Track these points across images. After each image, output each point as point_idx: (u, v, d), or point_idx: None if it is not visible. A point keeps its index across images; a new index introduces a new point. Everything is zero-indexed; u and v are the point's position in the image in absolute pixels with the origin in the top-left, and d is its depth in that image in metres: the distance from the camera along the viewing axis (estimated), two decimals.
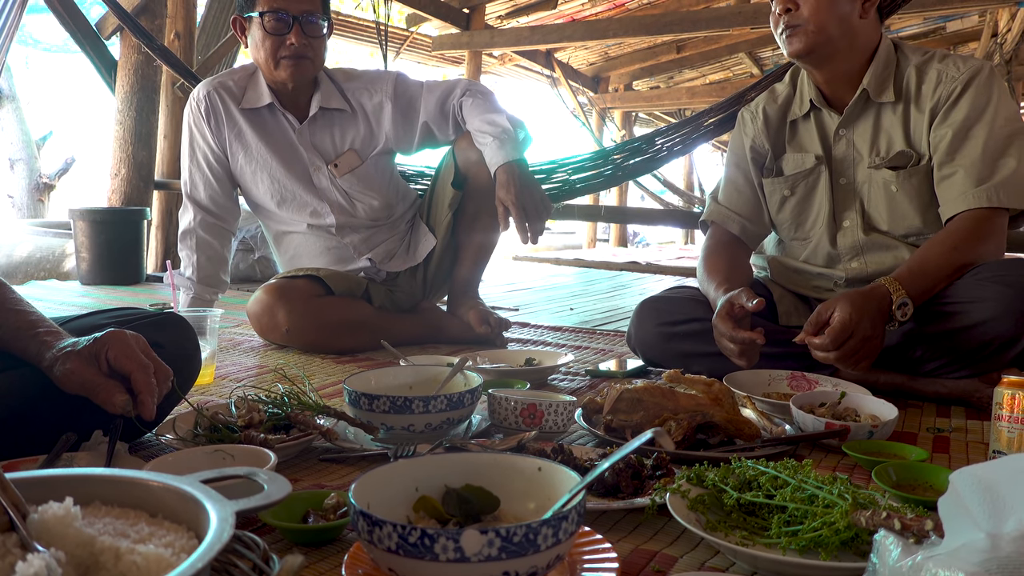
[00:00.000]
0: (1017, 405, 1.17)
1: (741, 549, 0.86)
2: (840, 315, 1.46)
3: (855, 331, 1.45)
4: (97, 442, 1.13)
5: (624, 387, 1.33)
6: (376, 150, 2.33)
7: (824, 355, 1.49)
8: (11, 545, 0.59)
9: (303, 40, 2.12)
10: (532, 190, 2.10)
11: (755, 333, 1.54)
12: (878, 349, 1.50)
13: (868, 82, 1.73)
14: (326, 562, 0.90)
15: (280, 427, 1.27)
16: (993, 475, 0.63)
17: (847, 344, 1.46)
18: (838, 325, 1.46)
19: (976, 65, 1.69)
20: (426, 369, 1.51)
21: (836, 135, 1.81)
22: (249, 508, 0.68)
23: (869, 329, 1.46)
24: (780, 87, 1.94)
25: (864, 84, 1.73)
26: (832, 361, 1.49)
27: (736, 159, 1.98)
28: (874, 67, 1.73)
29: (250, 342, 2.32)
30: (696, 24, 5.98)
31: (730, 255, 1.91)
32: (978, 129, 1.65)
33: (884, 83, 1.74)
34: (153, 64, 4.25)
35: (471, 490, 0.83)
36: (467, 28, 6.90)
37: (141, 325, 1.30)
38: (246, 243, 4.13)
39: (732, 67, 9.63)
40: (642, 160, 3.64)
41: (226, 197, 2.35)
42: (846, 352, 1.46)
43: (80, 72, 4.75)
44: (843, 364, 1.49)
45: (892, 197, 1.75)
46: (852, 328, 1.45)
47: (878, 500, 0.92)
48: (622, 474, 1.06)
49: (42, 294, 3.53)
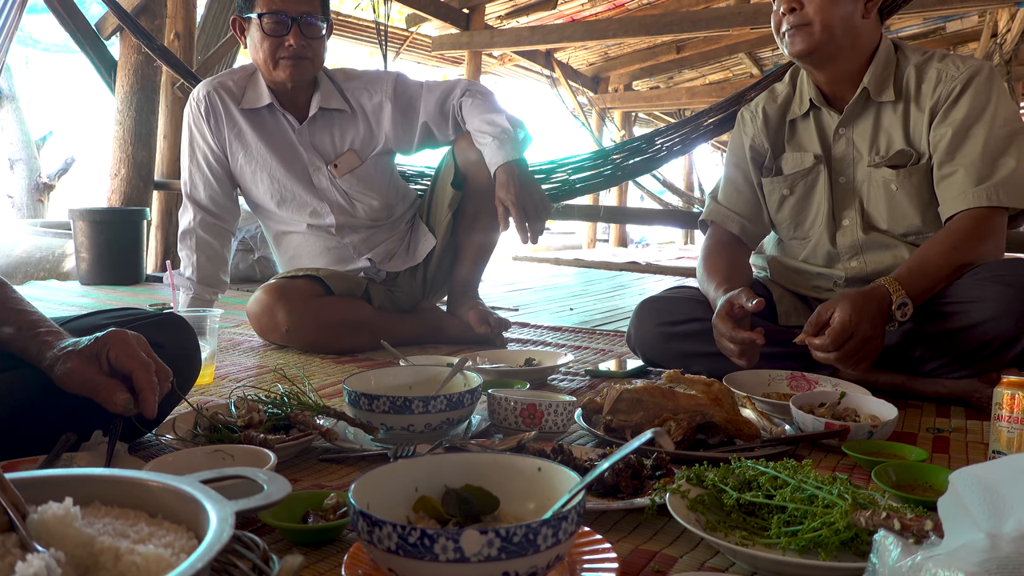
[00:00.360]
0: (1017, 405, 1.17)
1: (741, 549, 0.86)
2: (840, 316, 1.46)
3: (855, 332, 1.46)
4: (97, 442, 1.13)
5: (624, 387, 1.33)
6: (376, 150, 2.33)
7: (824, 356, 1.49)
8: (11, 545, 0.59)
9: (302, 41, 2.12)
10: (532, 190, 2.10)
11: (755, 333, 1.55)
12: (878, 349, 1.50)
13: (868, 81, 1.73)
14: (326, 562, 0.89)
15: (280, 427, 1.27)
16: (993, 475, 0.63)
17: (847, 345, 1.46)
18: (838, 326, 1.46)
19: (976, 65, 1.69)
20: (426, 369, 1.51)
21: (836, 134, 1.81)
22: (249, 508, 0.68)
23: (869, 330, 1.46)
24: (780, 87, 1.94)
25: (864, 83, 1.74)
26: (832, 362, 1.49)
27: (736, 159, 1.98)
28: (874, 66, 1.73)
29: (250, 342, 2.32)
30: (696, 24, 5.98)
31: (730, 255, 1.91)
32: (978, 128, 1.65)
33: (884, 82, 1.74)
34: (153, 64, 4.25)
35: (471, 490, 0.83)
36: (467, 28, 6.90)
37: (141, 325, 1.30)
38: (246, 243, 4.13)
39: (732, 67, 9.64)
40: (642, 160, 3.64)
41: (226, 197, 2.35)
42: (846, 353, 1.46)
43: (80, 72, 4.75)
44: (843, 365, 1.49)
45: (892, 196, 1.75)
46: (852, 329, 1.46)
47: (878, 500, 0.92)
48: (622, 474, 1.06)
49: (42, 294, 3.53)
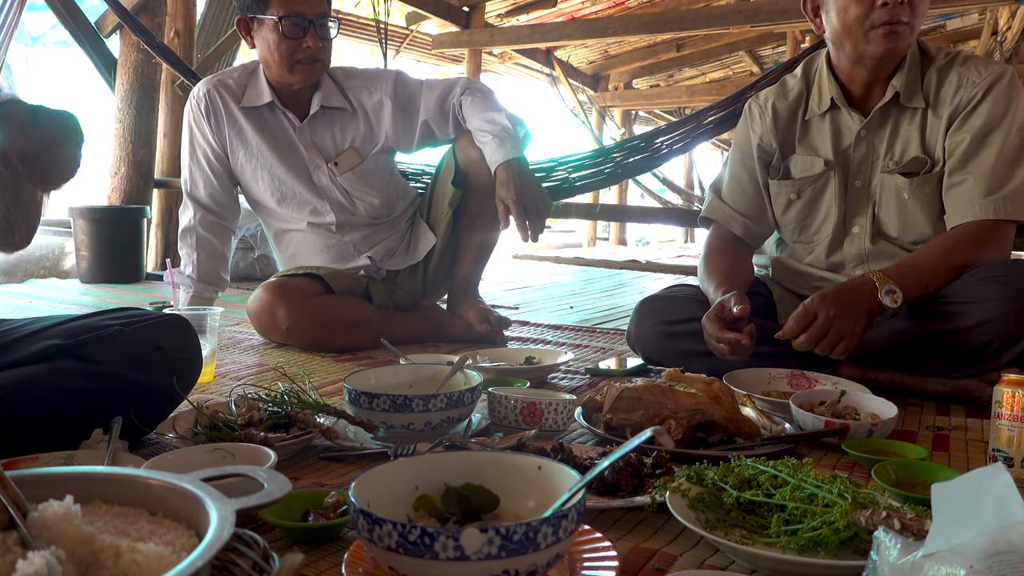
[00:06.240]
0: (1017, 403, 1.17)
1: (741, 547, 0.86)
2: (805, 303, 1.51)
3: (819, 313, 1.48)
4: (97, 440, 1.13)
5: (624, 386, 1.33)
6: (376, 148, 2.33)
7: (796, 343, 1.51)
8: (11, 543, 0.60)
9: (319, 43, 2.12)
10: (532, 188, 2.10)
11: (739, 334, 1.55)
12: (853, 333, 1.49)
13: (900, 85, 1.69)
14: (326, 560, 0.90)
15: (280, 425, 1.27)
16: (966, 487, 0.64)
17: (812, 327, 1.49)
18: (801, 311, 1.51)
19: (998, 70, 1.66)
20: (426, 368, 1.51)
21: (858, 136, 1.77)
22: (249, 506, 0.68)
23: (834, 310, 1.48)
24: (791, 81, 1.88)
25: (897, 87, 1.69)
26: (803, 347, 1.51)
27: (742, 156, 1.94)
28: (905, 70, 1.69)
29: (250, 340, 2.32)
30: (696, 22, 5.97)
31: (731, 255, 1.90)
32: (994, 136, 1.63)
33: (913, 86, 1.70)
34: (153, 62, 4.24)
35: (471, 488, 0.83)
36: (467, 26, 6.89)
37: (143, 327, 1.30)
38: (246, 241, 4.13)
39: (732, 65, 9.63)
40: (642, 158, 3.64)
41: (226, 195, 2.35)
42: (812, 335, 1.49)
43: (80, 70, 4.74)
44: (818, 350, 1.50)
45: (903, 204, 1.73)
46: (815, 311, 1.49)
47: (878, 499, 0.92)
48: (622, 472, 1.07)
49: (42, 292, 3.53)
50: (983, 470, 0.65)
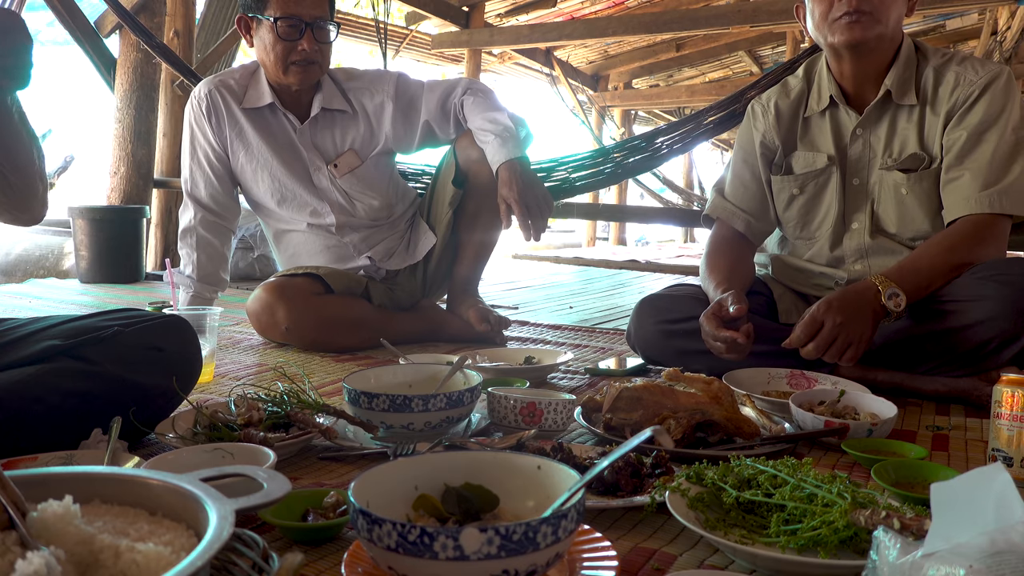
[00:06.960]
0: (1016, 403, 1.17)
1: (740, 547, 0.86)
2: (811, 310, 1.50)
3: (825, 321, 1.48)
4: (96, 441, 1.13)
5: (623, 385, 1.33)
6: (376, 150, 2.33)
7: (804, 351, 1.51)
8: (11, 543, 0.60)
9: (315, 46, 2.12)
10: (534, 187, 2.10)
11: (736, 332, 1.55)
12: (861, 339, 1.49)
13: (892, 83, 1.71)
14: (325, 560, 0.90)
15: (280, 425, 1.27)
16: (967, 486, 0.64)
17: (819, 335, 1.48)
18: (808, 319, 1.50)
19: (995, 70, 1.68)
20: (426, 367, 1.50)
21: (853, 135, 1.79)
22: (249, 506, 0.68)
23: (841, 317, 1.47)
24: (793, 80, 1.91)
25: (888, 85, 1.72)
26: (812, 355, 1.50)
27: (744, 154, 1.96)
28: (897, 68, 1.71)
29: (249, 340, 2.32)
30: (696, 22, 5.97)
31: (733, 253, 1.90)
32: (991, 134, 1.64)
33: (906, 84, 1.72)
34: (152, 62, 4.24)
35: (470, 488, 0.83)
36: (466, 26, 6.89)
37: (142, 327, 1.30)
38: (246, 241, 4.13)
39: (732, 65, 9.63)
40: (642, 158, 3.63)
41: (226, 195, 2.35)
42: (820, 343, 1.48)
43: (79, 70, 4.74)
44: (826, 357, 1.50)
45: (902, 200, 1.75)
46: (822, 318, 1.48)
47: (877, 499, 0.92)
48: (621, 472, 1.07)
49: (42, 292, 3.53)
50: (983, 470, 0.65)
